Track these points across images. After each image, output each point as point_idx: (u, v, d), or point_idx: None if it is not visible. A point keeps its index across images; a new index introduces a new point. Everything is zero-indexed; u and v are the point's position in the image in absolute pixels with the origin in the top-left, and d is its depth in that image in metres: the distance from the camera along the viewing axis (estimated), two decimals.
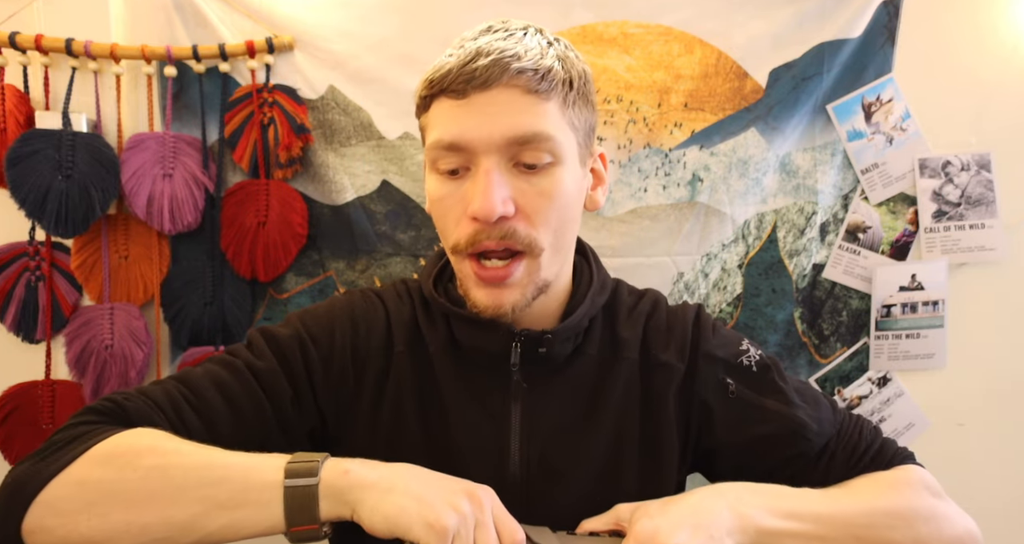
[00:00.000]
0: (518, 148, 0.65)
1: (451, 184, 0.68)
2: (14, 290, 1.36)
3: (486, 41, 0.65)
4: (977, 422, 1.44)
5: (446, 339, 0.77)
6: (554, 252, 0.70)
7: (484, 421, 0.74)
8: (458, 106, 0.65)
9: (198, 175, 1.34)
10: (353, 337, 0.77)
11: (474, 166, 0.66)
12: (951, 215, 1.41)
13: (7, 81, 1.32)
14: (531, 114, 0.65)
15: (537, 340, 0.73)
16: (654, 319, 0.81)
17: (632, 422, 0.76)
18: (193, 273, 1.37)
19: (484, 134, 0.64)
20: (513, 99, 0.64)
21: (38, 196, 1.27)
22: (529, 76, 0.64)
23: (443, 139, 0.66)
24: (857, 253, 1.43)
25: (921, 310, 1.41)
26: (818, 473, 0.75)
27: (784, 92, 1.37)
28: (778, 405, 0.76)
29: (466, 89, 0.64)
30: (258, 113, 1.35)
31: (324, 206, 1.38)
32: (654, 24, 1.37)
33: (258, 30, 1.35)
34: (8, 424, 1.35)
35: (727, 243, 1.40)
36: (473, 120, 0.64)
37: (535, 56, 0.65)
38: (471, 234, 0.66)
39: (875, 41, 1.38)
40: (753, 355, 0.79)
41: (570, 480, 0.74)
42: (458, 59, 0.65)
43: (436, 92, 0.67)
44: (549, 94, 0.66)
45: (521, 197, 0.66)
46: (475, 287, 0.69)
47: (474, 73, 0.63)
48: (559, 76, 0.66)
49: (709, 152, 1.38)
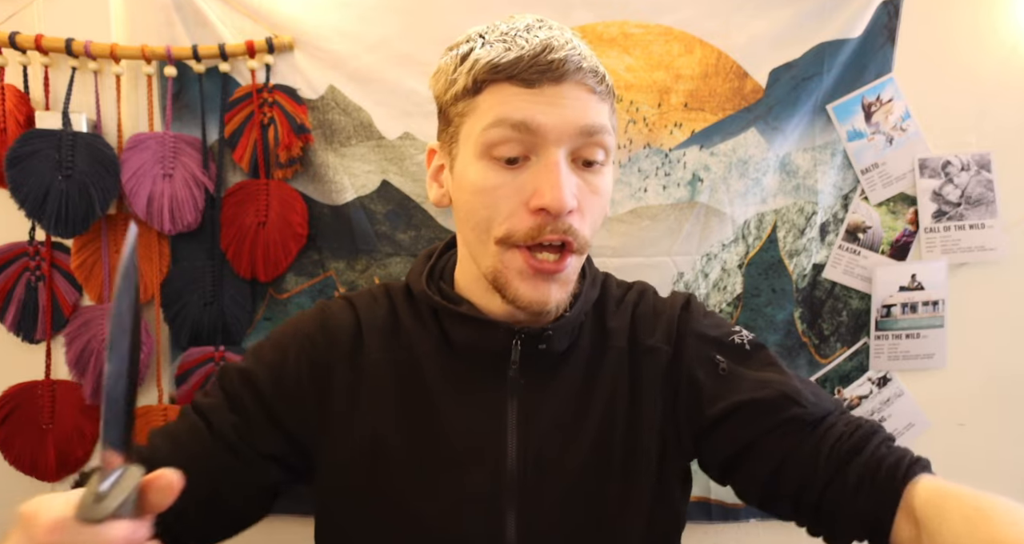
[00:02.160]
0: (584, 140, 0.65)
1: (507, 173, 0.65)
2: (14, 290, 1.36)
3: (548, 36, 0.66)
4: (977, 422, 1.44)
5: (437, 338, 0.75)
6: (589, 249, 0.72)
7: (480, 420, 0.73)
8: (529, 93, 0.64)
9: (198, 175, 1.34)
10: (311, 352, 0.75)
11: (538, 156, 0.65)
12: (951, 215, 1.41)
13: (7, 81, 1.32)
14: (595, 110, 0.66)
15: (538, 337, 0.72)
16: (641, 306, 0.81)
17: (620, 411, 0.75)
18: (193, 273, 1.37)
19: (558, 120, 0.63)
20: (581, 95, 0.65)
21: (38, 196, 1.27)
22: (592, 77, 0.66)
23: (511, 117, 0.63)
24: (857, 253, 1.43)
25: (921, 310, 1.41)
26: (813, 440, 0.69)
27: (784, 92, 1.37)
28: (772, 375, 0.73)
29: (540, 79, 0.63)
30: (258, 113, 1.35)
31: (324, 206, 1.38)
32: (654, 24, 1.37)
33: (258, 30, 1.35)
34: (8, 424, 1.35)
35: (727, 243, 1.40)
36: (547, 107, 0.64)
37: (593, 60, 0.67)
38: (532, 226, 0.65)
39: (875, 41, 1.38)
40: (745, 336, 0.77)
41: (562, 474, 0.73)
42: (525, 49, 0.64)
43: (500, 78, 0.65)
44: (605, 96, 0.68)
45: (579, 193, 0.66)
46: (519, 279, 0.67)
47: (550, 65, 0.63)
48: (610, 82, 0.69)
49: (709, 152, 1.38)
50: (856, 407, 1.44)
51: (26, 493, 1.38)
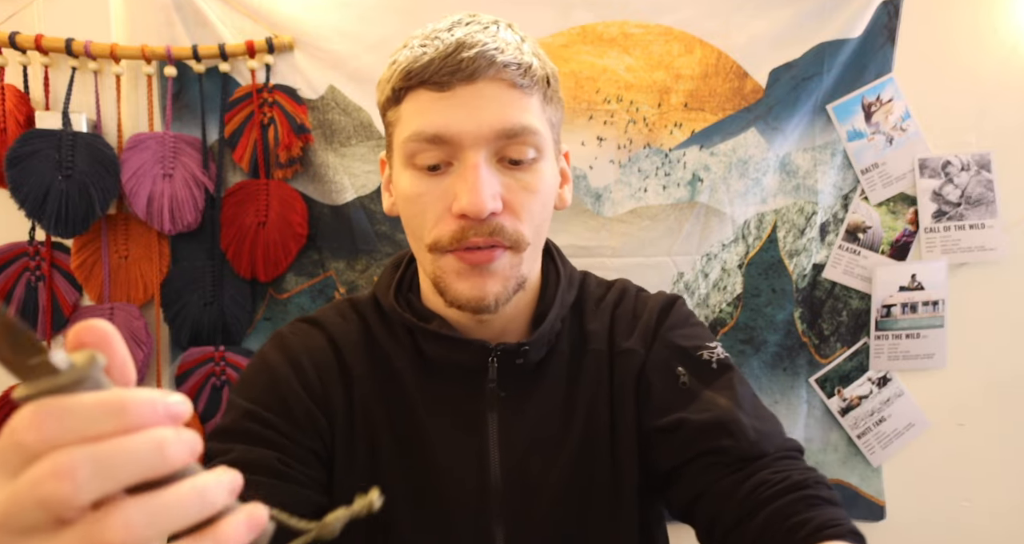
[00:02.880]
0: (505, 142, 0.63)
1: (430, 180, 0.64)
2: (14, 290, 1.36)
3: (464, 33, 0.62)
4: (977, 422, 1.44)
5: (412, 352, 0.73)
6: (535, 248, 0.68)
7: (461, 433, 0.71)
8: (441, 98, 0.62)
9: (198, 175, 1.34)
10: (301, 379, 0.70)
11: (458, 161, 0.63)
12: (951, 215, 1.41)
13: (7, 81, 1.32)
14: (517, 108, 0.63)
15: (514, 353, 0.70)
16: (621, 307, 0.78)
17: (602, 417, 0.73)
18: (193, 273, 1.37)
19: (472, 127, 0.61)
20: (499, 93, 0.62)
21: (38, 196, 1.27)
22: (513, 70, 0.62)
23: (425, 131, 0.62)
24: (857, 253, 1.42)
25: (921, 310, 1.41)
26: (736, 479, 0.65)
27: (784, 92, 1.37)
28: (722, 400, 0.69)
29: (451, 81, 0.61)
30: (258, 113, 1.35)
31: (324, 206, 1.38)
32: (654, 24, 1.37)
33: (258, 30, 1.35)
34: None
35: (727, 243, 1.40)
36: (459, 112, 0.61)
37: (515, 51, 0.64)
38: (456, 231, 0.63)
39: (875, 41, 1.38)
40: (718, 354, 0.73)
41: (548, 486, 0.71)
42: (439, 50, 0.62)
43: (414, 83, 0.63)
44: (531, 89, 0.64)
45: (508, 192, 0.64)
46: (456, 280, 0.66)
47: (460, 64, 0.61)
48: (539, 72, 0.65)
49: (709, 152, 1.38)
50: (856, 407, 1.44)
51: None
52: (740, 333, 1.41)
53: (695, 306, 1.41)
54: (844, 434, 1.44)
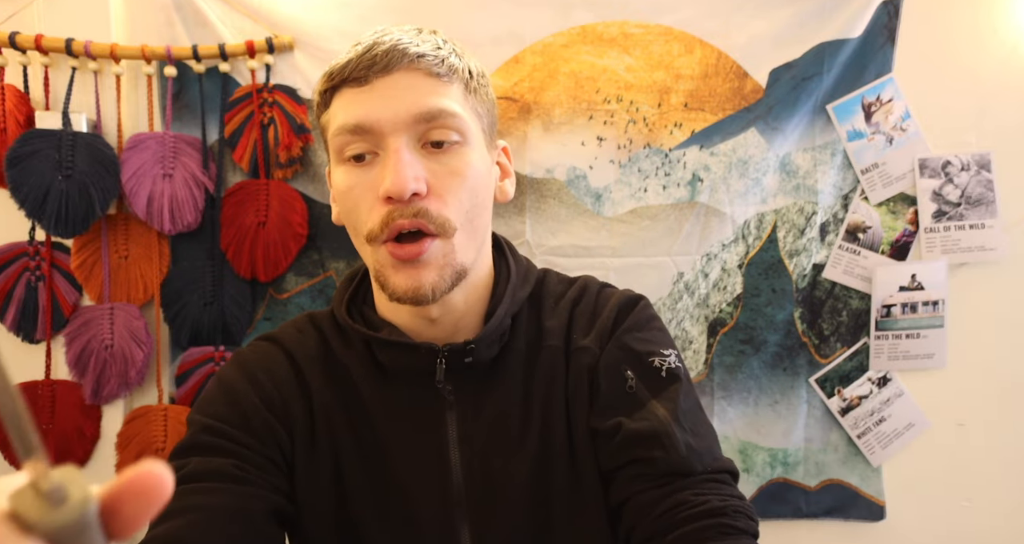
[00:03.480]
0: (425, 126, 0.65)
1: (358, 171, 0.66)
2: (14, 290, 1.36)
3: (381, 34, 0.66)
4: (977, 422, 1.44)
5: (368, 361, 0.74)
6: (468, 235, 0.68)
7: (420, 437, 0.71)
8: (361, 92, 0.65)
9: (198, 175, 1.34)
10: (259, 393, 0.71)
11: (382, 149, 0.65)
12: (951, 215, 1.41)
13: (7, 81, 1.32)
14: (435, 94, 0.65)
15: (461, 352, 0.70)
16: (581, 305, 0.78)
17: (558, 413, 0.73)
18: (193, 273, 1.37)
19: (390, 114, 0.64)
20: (415, 81, 0.65)
21: (38, 196, 1.27)
22: (429, 60, 0.65)
23: (347, 123, 0.65)
24: (857, 253, 1.43)
25: (921, 310, 1.41)
26: (657, 493, 0.66)
27: (784, 92, 1.37)
28: (661, 410, 0.69)
29: (367, 75, 0.64)
30: (258, 113, 1.35)
31: (324, 206, 1.38)
32: (654, 24, 1.37)
33: (258, 30, 1.35)
34: None
35: (727, 243, 1.40)
36: (378, 102, 0.64)
37: (432, 45, 0.67)
38: (384, 215, 0.64)
39: (875, 41, 1.38)
40: (670, 363, 0.73)
41: (510, 483, 0.71)
42: (356, 52, 0.66)
43: (337, 84, 0.67)
44: (451, 78, 0.67)
45: (432, 177, 0.65)
46: (392, 272, 0.67)
47: (374, 59, 0.64)
48: (457, 64, 0.68)
49: (709, 152, 1.38)
50: (856, 407, 1.44)
51: None
52: (740, 333, 1.41)
53: (695, 306, 1.41)
54: (844, 434, 1.44)
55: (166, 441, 1.36)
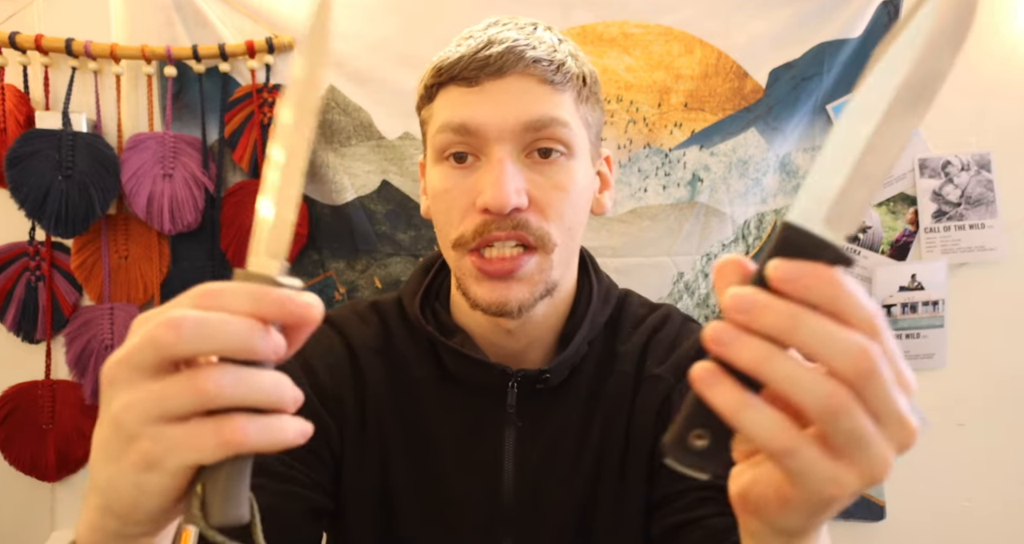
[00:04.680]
0: (533, 135, 0.62)
1: (458, 174, 0.64)
2: (14, 290, 1.36)
3: (496, 31, 0.63)
4: (977, 422, 1.44)
5: (430, 361, 0.72)
6: (565, 251, 0.65)
7: (475, 446, 0.70)
8: (470, 93, 0.62)
9: (198, 175, 1.34)
10: (312, 381, 0.69)
11: (485, 155, 0.63)
12: (951, 215, 1.41)
13: (7, 81, 1.32)
14: (546, 102, 0.62)
15: (535, 378, 0.69)
16: (662, 333, 0.74)
17: (618, 439, 0.70)
18: (193, 273, 1.37)
19: (498, 119, 0.61)
20: (528, 87, 0.62)
21: (38, 196, 1.27)
22: (544, 66, 0.62)
23: (452, 121, 0.62)
24: (857, 253, 1.43)
25: (921, 310, 1.41)
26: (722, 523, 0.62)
27: (784, 92, 1.37)
28: None
29: (479, 76, 0.61)
30: (258, 113, 1.35)
31: (324, 206, 1.38)
32: (654, 24, 1.37)
33: (258, 30, 1.35)
34: (8, 424, 1.35)
35: (727, 243, 1.40)
36: (486, 105, 0.62)
37: (548, 48, 0.63)
38: (478, 225, 0.62)
39: (875, 41, 1.38)
40: None
41: (559, 504, 0.69)
42: (469, 48, 0.62)
43: (445, 80, 0.64)
44: (564, 86, 0.63)
45: (535, 189, 0.62)
46: (476, 282, 0.64)
47: (488, 60, 0.61)
48: (573, 70, 0.64)
49: (709, 152, 1.38)
50: None
51: (26, 493, 1.39)
52: None
53: (695, 306, 1.41)
54: None
55: None
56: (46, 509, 1.40)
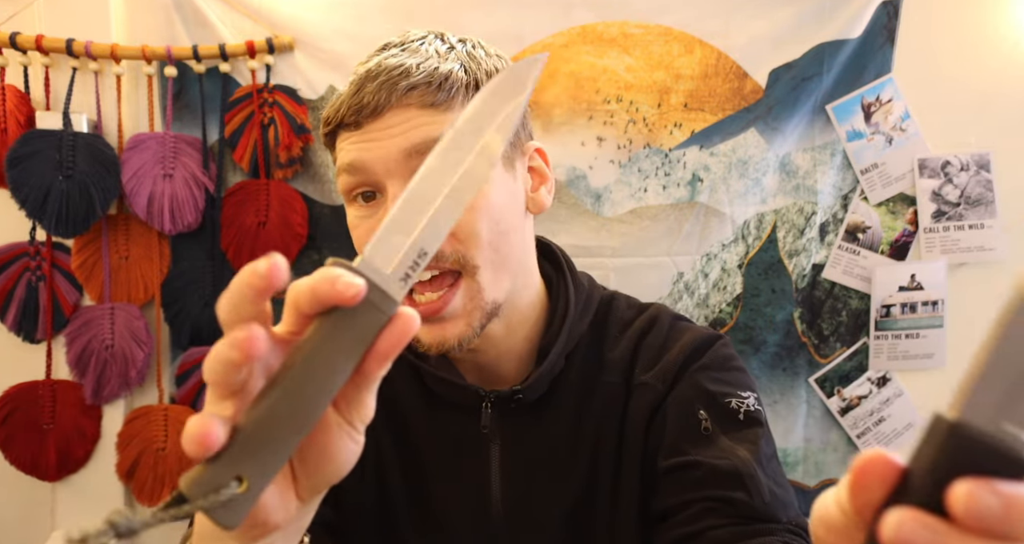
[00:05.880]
0: (419, 159, 0.58)
1: (365, 211, 0.64)
2: (15, 290, 1.36)
3: (376, 62, 0.63)
4: None
5: (414, 384, 0.72)
6: (495, 269, 0.63)
7: (462, 464, 0.70)
8: (355, 134, 0.63)
9: (198, 175, 1.35)
10: None
11: (382, 192, 0.63)
12: (950, 215, 1.41)
13: (8, 81, 1.32)
14: (427, 125, 0.61)
15: (508, 399, 0.68)
16: (650, 337, 0.72)
17: (608, 450, 0.69)
18: (193, 273, 1.37)
19: (382, 153, 0.61)
20: (408, 117, 0.61)
21: (39, 196, 1.27)
22: (423, 90, 0.61)
23: (344, 162, 0.63)
24: (857, 253, 1.43)
25: (920, 310, 1.42)
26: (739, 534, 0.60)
27: (784, 92, 1.37)
28: (743, 452, 0.64)
29: (358, 120, 0.62)
30: (258, 113, 1.35)
31: (324, 206, 1.38)
32: (654, 24, 1.37)
33: (258, 30, 1.35)
34: (8, 424, 1.35)
35: (727, 243, 1.40)
36: (370, 144, 0.62)
37: (429, 67, 0.62)
38: None
39: (875, 41, 1.38)
40: (749, 405, 0.68)
41: (549, 520, 0.69)
42: (349, 90, 0.63)
43: (335, 128, 0.65)
44: (450, 103, 0.62)
45: None
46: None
47: (362, 104, 0.61)
48: (460, 81, 0.62)
49: (709, 152, 1.38)
50: (856, 407, 1.44)
51: (26, 493, 1.39)
52: (740, 333, 1.41)
53: (695, 306, 1.41)
54: (844, 434, 1.44)
55: (166, 441, 1.36)
56: (46, 509, 1.40)
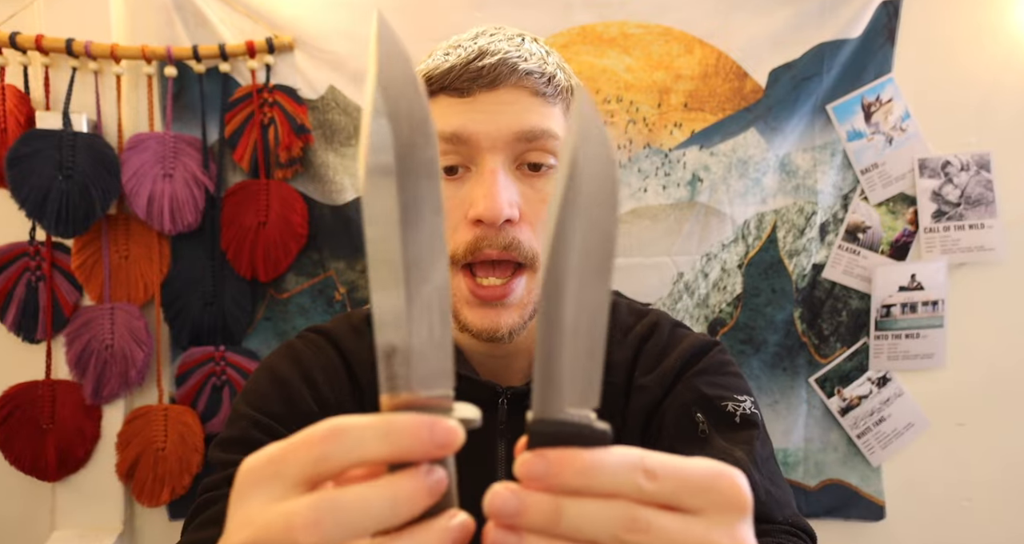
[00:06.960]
0: (525, 146, 0.61)
1: (449, 186, 0.63)
2: (14, 290, 1.36)
3: (487, 42, 0.63)
4: (977, 422, 1.44)
5: None
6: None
7: (470, 460, 0.70)
8: (462, 103, 0.62)
9: (198, 175, 1.34)
10: (313, 393, 0.69)
11: (476, 166, 0.62)
12: (951, 215, 1.41)
13: (8, 81, 1.32)
14: (538, 113, 0.62)
15: (524, 395, 0.68)
16: (650, 342, 0.74)
17: None
18: (193, 273, 1.37)
19: (491, 128, 0.60)
20: (520, 99, 0.62)
21: (39, 196, 1.27)
22: (536, 78, 0.62)
23: (444, 130, 0.61)
24: (857, 253, 1.43)
25: (921, 310, 1.41)
26: None
27: (784, 92, 1.37)
28: (739, 453, 0.64)
29: (471, 87, 0.61)
30: (258, 113, 1.35)
31: (324, 206, 1.38)
32: (654, 24, 1.37)
33: (258, 30, 1.35)
34: (8, 424, 1.35)
35: (727, 243, 1.40)
36: (479, 115, 0.61)
37: (538, 61, 0.63)
38: (471, 241, 0.61)
39: (875, 41, 1.38)
40: (745, 408, 0.69)
41: None
42: (460, 57, 0.61)
43: (435, 89, 0.63)
44: (555, 98, 0.64)
45: (525, 203, 0.62)
46: (468, 307, 0.63)
47: (481, 71, 0.60)
48: (562, 83, 0.64)
49: (709, 152, 1.38)
50: (856, 407, 1.44)
51: (26, 493, 1.39)
52: (740, 333, 1.41)
53: (695, 306, 1.41)
54: (844, 434, 1.44)
55: (166, 441, 1.36)
56: (46, 509, 1.40)
